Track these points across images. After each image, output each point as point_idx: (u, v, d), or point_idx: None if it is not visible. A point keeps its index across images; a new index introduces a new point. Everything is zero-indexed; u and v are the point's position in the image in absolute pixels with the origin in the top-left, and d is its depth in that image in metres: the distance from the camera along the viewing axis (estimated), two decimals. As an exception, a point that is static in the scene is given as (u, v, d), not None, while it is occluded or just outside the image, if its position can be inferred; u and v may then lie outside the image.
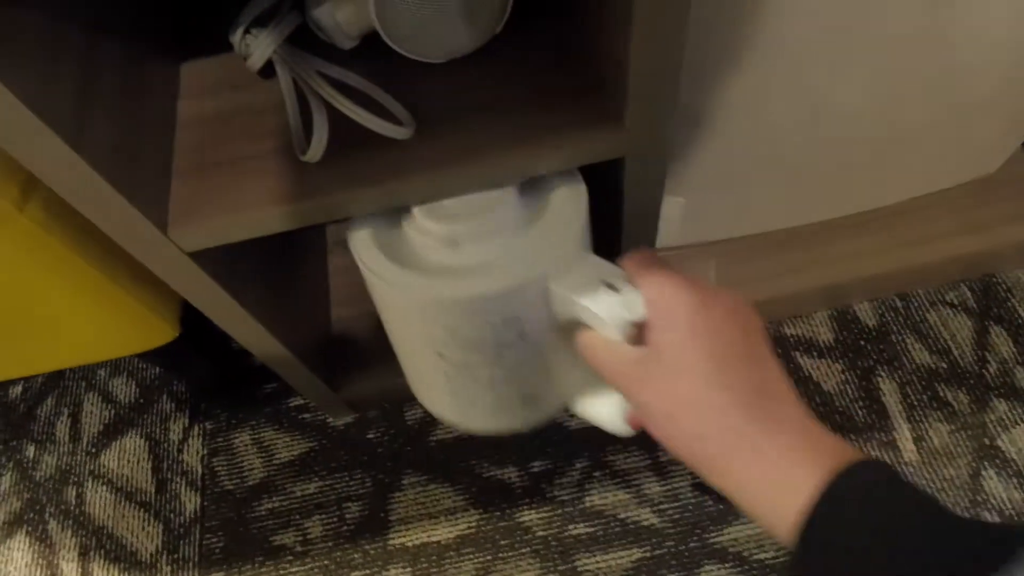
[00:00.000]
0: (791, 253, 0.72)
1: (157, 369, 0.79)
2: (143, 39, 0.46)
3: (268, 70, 0.45)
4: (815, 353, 0.72)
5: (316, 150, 0.40)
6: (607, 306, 0.35)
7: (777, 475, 0.29)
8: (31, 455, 0.76)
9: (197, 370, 0.73)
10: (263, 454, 0.73)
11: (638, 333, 0.33)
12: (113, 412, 0.77)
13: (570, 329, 0.38)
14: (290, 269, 0.65)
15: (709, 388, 0.30)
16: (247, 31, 0.43)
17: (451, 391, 0.48)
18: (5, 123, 0.31)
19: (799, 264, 0.72)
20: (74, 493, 0.73)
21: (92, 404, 0.78)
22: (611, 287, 0.36)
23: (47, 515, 0.72)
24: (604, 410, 0.43)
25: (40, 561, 0.70)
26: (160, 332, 0.57)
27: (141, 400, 0.78)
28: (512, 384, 0.46)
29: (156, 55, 0.47)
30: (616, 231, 0.50)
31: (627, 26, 0.34)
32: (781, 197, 0.67)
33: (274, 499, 0.70)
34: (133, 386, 0.79)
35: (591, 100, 0.41)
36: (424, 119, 0.42)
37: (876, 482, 0.27)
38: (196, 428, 0.75)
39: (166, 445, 0.75)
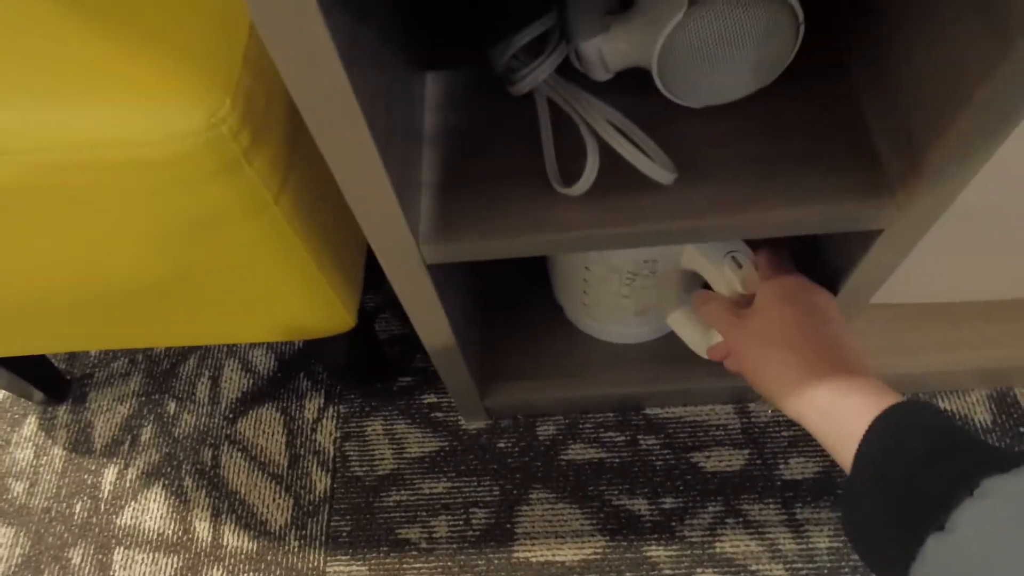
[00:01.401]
0: (953, 328, 0.70)
1: (296, 345, 0.81)
2: (394, 45, 0.46)
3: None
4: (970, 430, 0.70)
5: (583, 185, 0.40)
6: (728, 279, 0.48)
7: (844, 403, 0.37)
8: (172, 411, 0.79)
9: (337, 354, 0.75)
10: (394, 446, 0.74)
11: (744, 300, 0.47)
12: (252, 381, 0.80)
13: (690, 275, 0.54)
14: (467, 272, 0.66)
15: (798, 333, 0.42)
16: (514, 55, 0.43)
17: (585, 297, 0.63)
18: (337, 125, 0.32)
19: (959, 340, 0.69)
20: (210, 455, 0.76)
21: (232, 370, 0.80)
22: (735, 261, 0.48)
23: (183, 472, 0.75)
24: (695, 334, 0.58)
25: (174, 515, 0.73)
26: (342, 322, 0.59)
27: (279, 374, 0.80)
28: (632, 300, 0.60)
29: (404, 62, 0.47)
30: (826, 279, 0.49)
31: (939, 103, 0.33)
32: (976, 269, 0.65)
33: (402, 492, 0.72)
34: (272, 359, 0.81)
35: (862, 167, 0.41)
36: (682, 164, 0.42)
37: (920, 411, 0.34)
38: (331, 410, 0.77)
39: (300, 422, 0.77)
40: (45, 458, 0.77)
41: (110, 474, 0.76)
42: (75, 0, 0.41)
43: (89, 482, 0.75)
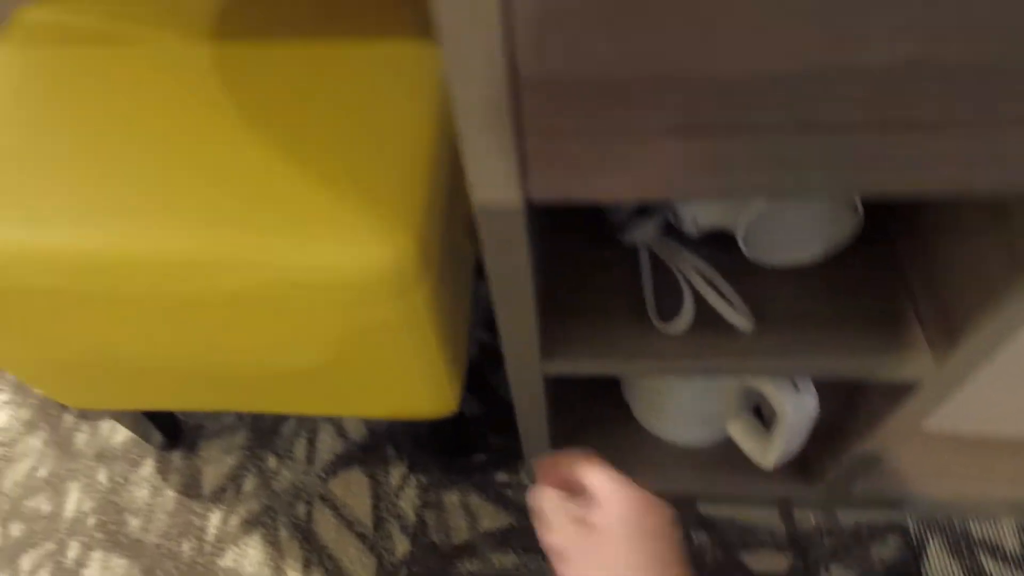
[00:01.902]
0: (988, 460, 0.77)
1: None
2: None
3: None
4: (999, 556, 0.75)
5: (678, 326, 0.50)
6: (786, 400, 0.55)
7: None
8: (272, 466, 0.89)
9: (424, 429, 0.85)
10: (469, 517, 0.82)
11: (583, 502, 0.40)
12: (344, 445, 0.89)
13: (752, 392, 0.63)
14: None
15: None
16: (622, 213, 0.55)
17: (656, 403, 0.73)
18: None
19: (992, 472, 0.76)
20: (304, 510, 0.85)
21: (327, 434, 0.91)
22: (795, 385, 0.55)
23: (279, 523, 0.84)
24: (752, 444, 0.68)
25: (270, 563, 0.81)
26: (447, 407, 0.69)
27: (369, 441, 0.89)
28: (699, 409, 0.70)
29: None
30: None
31: (971, 285, 0.43)
32: (1010, 408, 0.72)
33: (474, 562, 0.79)
34: (363, 427, 0.91)
35: (905, 328, 0.50)
36: (757, 312, 0.51)
37: None
38: (413, 478, 0.86)
39: (386, 487, 0.86)
40: (159, 498, 0.88)
41: (215, 519, 0.85)
42: (294, 151, 0.54)
43: (196, 524, 0.85)
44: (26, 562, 0.85)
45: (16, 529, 0.87)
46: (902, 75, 0.28)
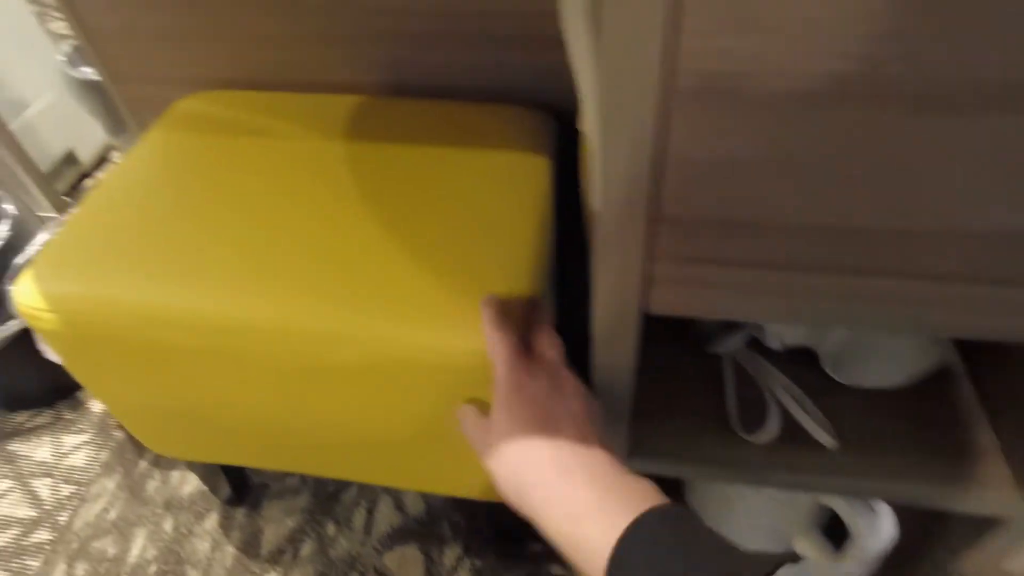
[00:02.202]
0: None
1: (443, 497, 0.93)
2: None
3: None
4: None
5: (762, 437, 0.52)
6: (859, 523, 0.55)
7: (588, 527, 0.34)
8: (330, 533, 0.90)
9: (478, 508, 0.86)
10: (520, 607, 0.82)
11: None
12: (402, 520, 0.91)
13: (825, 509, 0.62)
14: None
15: (530, 448, 0.38)
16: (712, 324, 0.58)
17: (725, 511, 0.70)
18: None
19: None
20: (357, 580, 0.86)
21: (386, 505, 0.92)
22: (870, 507, 0.54)
23: (333, 592, 0.85)
24: (819, 557, 0.65)
25: (320, 632, 0.82)
26: (516, 492, 0.71)
27: (426, 518, 0.91)
28: (769, 522, 0.69)
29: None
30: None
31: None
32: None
33: (523, 655, 0.79)
34: (422, 503, 0.92)
35: (989, 463, 0.51)
36: (840, 430, 0.53)
37: (663, 522, 0.32)
38: (467, 561, 0.86)
39: (439, 567, 0.86)
40: (219, 553, 0.90)
41: (270, 580, 0.87)
42: (412, 242, 0.59)
43: (252, 583, 0.87)
44: (85, 604, 0.87)
45: (81, 569, 0.90)
46: (1012, 241, 0.31)
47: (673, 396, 0.57)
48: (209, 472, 0.89)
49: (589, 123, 0.43)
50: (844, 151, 0.30)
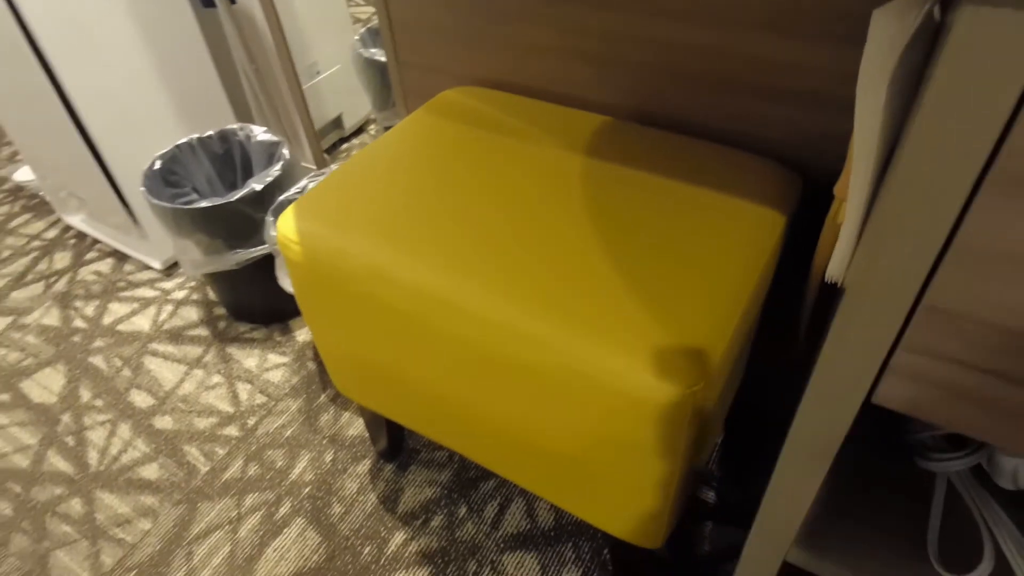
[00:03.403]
0: None
1: (575, 517, 0.93)
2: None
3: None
4: None
5: (963, 576, 0.46)
6: None
7: None
8: (461, 514, 0.94)
9: (606, 542, 0.84)
10: (621, 657, 0.79)
11: None
12: (529, 526, 0.92)
13: None
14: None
15: None
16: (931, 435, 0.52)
17: None
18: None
19: None
20: (474, 568, 0.88)
21: (517, 508, 0.94)
22: None
23: (449, 571, 0.88)
24: None
25: (428, 602, 0.86)
26: (650, 539, 0.69)
27: (552, 533, 0.91)
28: None
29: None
30: None
31: None
32: None
33: None
34: (553, 516, 0.93)
35: None
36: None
37: None
38: (581, 590, 0.85)
39: (552, 585, 0.86)
40: (362, 496, 0.97)
41: (398, 537, 0.92)
42: (628, 266, 0.60)
43: (382, 535, 0.93)
44: (248, 501, 0.99)
45: (252, 469, 1.02)
46: None
47: (866, 499, 0.52)
48: (375, 423, 0.97)
49: (856, 192, 0.41)
50: None
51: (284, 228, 0.70)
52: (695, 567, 0.86)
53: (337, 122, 1.68)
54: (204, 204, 1.05)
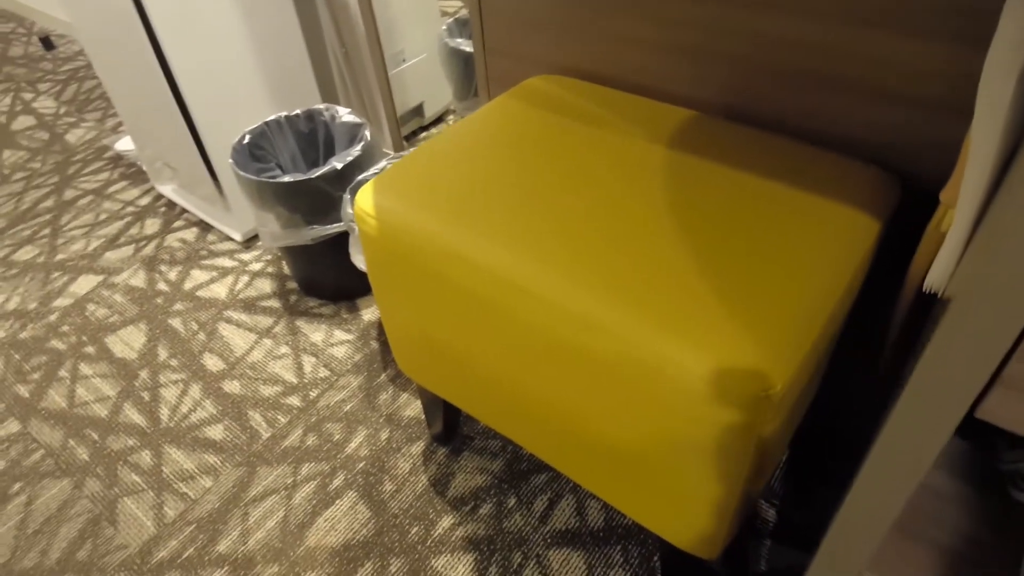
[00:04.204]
0: None
1: (628, 520, 0.90)
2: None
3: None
4: None
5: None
6: None
7: None
8: (510, 505, 0.94)
9: (655, 548, 0.82)
10: (663, 669, 0.77)
11: None
12: (578, 524, 0.91)
13: None
14: None
15: None
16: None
17: None
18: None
19: None
20: (519, 560, 0.88)
21: (568, 504, 0.93)
22: None
23: (493, 559, 0.88)
24: None
25: (471, 589, 0.85)
26: (705, 549, 0.66)
27: (601, 534, 0.89)
28: None
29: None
30: None
31: None
32: None
33: None
34: (603, 517, 0.91)
35: None
36: None
37: None
38: (626, 595, 0.83)
39: (598, 586, 0.84)
40: (414, 477, 0.98)
41: (446, 521, 0.92)
42: (707, 260, 0.58)
43: (430, 517, 0.93)
44: (304, 470, 1.01)
45: (311, 440, 1.05)
46: None
47: (951, 529, 0.49)
48: (432, 405, 0.98)
49: (968, 196, 0.38)
50: None
51: (362, 202, 0.71)
52: (748, 586, 0.82)
53: (418, 110, 1.71)
54: (287, 179, 1.08)
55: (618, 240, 0.61)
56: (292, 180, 1.08)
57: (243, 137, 1.20)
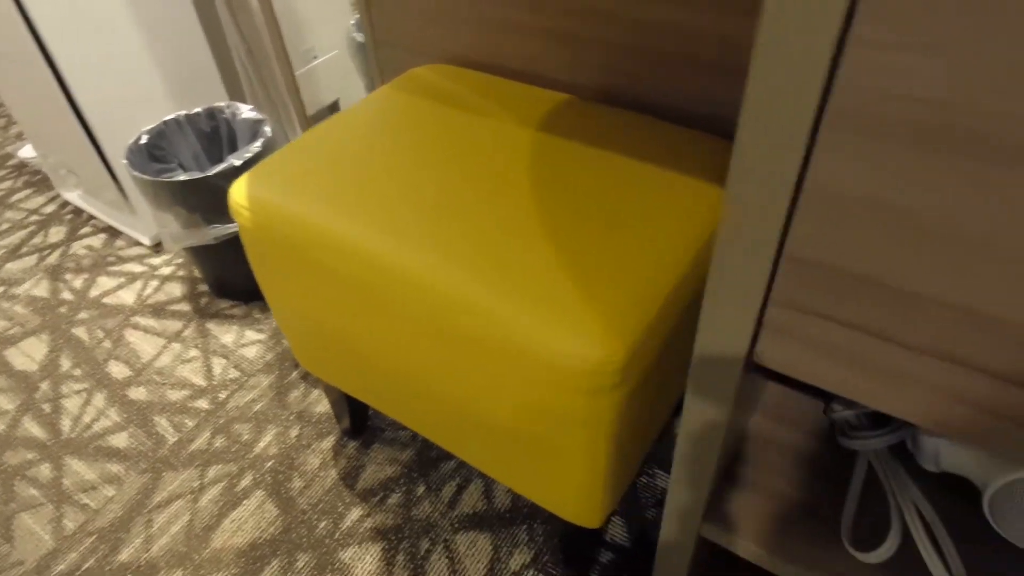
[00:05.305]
0: None
1: (531, 502, 0.92)
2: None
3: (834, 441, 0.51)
4: None
5: (873, 557, 0.44)
6: None
7: None
8: (419, 493, 0.94)
9: (559, 526, 0.83)
10: (565, 641, 0.78)
11: None
12: (485, 507, 0.92)
13: None
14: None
15: None
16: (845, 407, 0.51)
17: None
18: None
19: None
20: (426, 546, 0.88)
21: (476, 489, 0.94)
22: None
23: (401, 547, 0.88)
24: None
25: (379, 575, 0.86)
26: (589, 519, 0.68)
27: (507, 516, 0.91)
28: None
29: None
30: None
31: None
32: None
33: None
34: (510, 500, 0.92)
35: None
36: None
37: None
38: (532, 571, 0.85)
39: (504, 565, 0.85)
40: (323, 472, 0.98)
41: (354, 514, 0.92)
42: (564, 238, 0.59)
43: (339, 510, 0.93)
44: (212, 472, 0.99)
45: (219, 441, 1.03)
46: None
47: (783, 477, 0.51)
48: (339, 401, 0.97)
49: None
50: None
51: (236, 195, 0.71)
52: (647, 553, 0.84)
53: (333, 107, 1.69)
54: (182, 178, 1.06)
55: (487, 222, 0.62)
56: (188, 179, 1.06)
57: (139, 137, 1.17)
